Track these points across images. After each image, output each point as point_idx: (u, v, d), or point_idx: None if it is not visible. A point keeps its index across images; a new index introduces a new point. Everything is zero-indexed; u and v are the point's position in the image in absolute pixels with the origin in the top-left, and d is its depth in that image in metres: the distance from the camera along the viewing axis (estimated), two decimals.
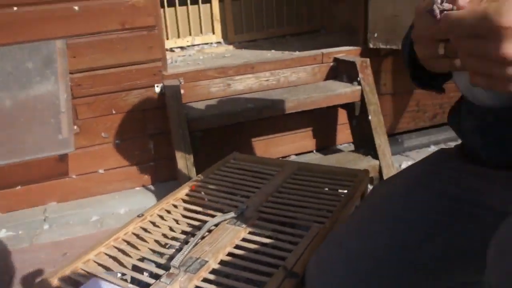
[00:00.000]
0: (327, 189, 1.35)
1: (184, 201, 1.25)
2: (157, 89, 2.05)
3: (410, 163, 2.23)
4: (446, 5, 0.45)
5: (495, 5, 0.41)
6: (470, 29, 0.43)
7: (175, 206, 1.22)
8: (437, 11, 0.46)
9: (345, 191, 1.32)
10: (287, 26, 3.36)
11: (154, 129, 2.11)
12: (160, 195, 2.07)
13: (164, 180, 2.19)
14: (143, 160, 2.13)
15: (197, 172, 1.95)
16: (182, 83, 2.07)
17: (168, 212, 1.19)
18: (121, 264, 0.97)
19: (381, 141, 1.94)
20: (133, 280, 0.87)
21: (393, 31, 2.02)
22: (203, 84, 2.09)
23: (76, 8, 1.85)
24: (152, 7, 1.93)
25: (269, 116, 1.96)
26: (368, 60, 2.00)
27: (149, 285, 0.82)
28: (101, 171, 2.08)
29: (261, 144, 2.31)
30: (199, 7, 3.08)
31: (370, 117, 1.94)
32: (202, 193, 1.31)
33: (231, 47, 3.13)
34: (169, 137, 1.87)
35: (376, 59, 2.21)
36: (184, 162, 1.84)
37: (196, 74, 2.07)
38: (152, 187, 2.16)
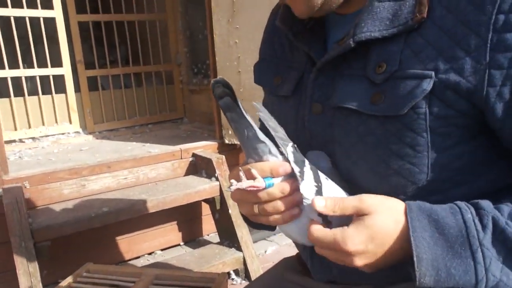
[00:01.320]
0: None
1: None
2: None
3: (274, 248, 2.34)
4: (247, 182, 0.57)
5: (341, 234, 0.54)
6: (327, 247, 0.56)
7: None
8: (234, 187, 0.57)
9: None
10: (150, 115, 3.39)
11: None
12: None
13: None
14: None
15: (49, 285, 1.73)
16: (28, 187, 1.88)
17: None
18: None
19: (242, 233, 2.00)
20: None
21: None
22: (54, 186, 1.93)
23: None
24: None
25: (128, 218, 1.88)
26: (223, 157, 2.10)
27: None
28: None
29: (123, 243, 2.18)
30: (52, 97, 2.93)
31: (230, 211, 2.00)
32: None
33: (90, 137, 3.01)
34: (10, 246, 1.65)
35: (233, 152, 2.34)
36: (27, 279, 1.62)
37: (44, 176, 1.91)
38: None
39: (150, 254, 2.27)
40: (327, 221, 0.58)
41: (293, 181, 0.59)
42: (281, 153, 0.59)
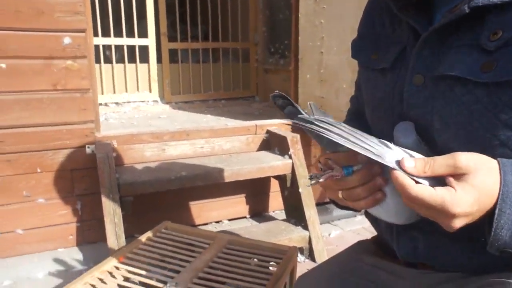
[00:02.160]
0: (257, 265, 1.38)
1: (111, 274, 1.21)
2: (88, 150, 1.99)
3: (338, 232, 2.34)
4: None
5: (450, 196, 0.51)
6: (426, 206, 0.53)
7: (101, 280, 1.16)
8: (313, 182, 0.62)
9: (274, 269, 1.35)
10: (223, 91, 3.48)
11: (82, 190, 2.02)
12: (86, 257, 1.95)
13: (91, 241, 2.07)
14: (69, 220, 2.02)
15: (127, 237, 1.88)
16: (115, 145, 2.03)
17: (93, 287, 1.14)
18: None
19: (310, 213, 2.02)
20: None
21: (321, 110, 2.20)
22: (137, 147, 2.07)
23: (3, 65, 1.79)
24: (87, 70, 1.92)
25: (202, 185, 1.97)
26: (298, 136, 2.12)
27: None
28: (19, 231, 1.93)
29: (195, 208, 2.30)
30: (136, 66, 3.10)
31: (300, 190, 2.03)
32: (130, 267, 1.27)
33: (167, 106, 3.16)
34: (98, 197, 1.82)
35: None
36: (113, 228, 1.77)
37: (130, 137, 2.05)
38: (77, 249, 2.03)
39: (217, 222, 2.37)
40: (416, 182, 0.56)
41: (371, 167, 0.60)
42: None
